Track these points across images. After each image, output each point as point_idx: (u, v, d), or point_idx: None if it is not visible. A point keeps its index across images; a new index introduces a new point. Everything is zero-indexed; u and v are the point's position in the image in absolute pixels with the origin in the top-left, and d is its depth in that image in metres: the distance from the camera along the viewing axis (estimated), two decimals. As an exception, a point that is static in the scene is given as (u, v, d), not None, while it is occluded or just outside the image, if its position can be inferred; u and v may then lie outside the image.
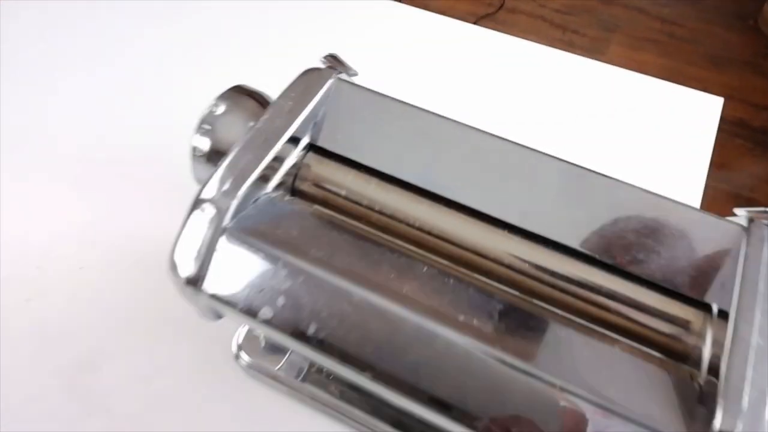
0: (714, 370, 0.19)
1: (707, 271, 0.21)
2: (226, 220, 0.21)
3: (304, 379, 0.31)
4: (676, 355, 0.21)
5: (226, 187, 0.21)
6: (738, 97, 1.47)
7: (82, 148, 0.41)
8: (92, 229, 0.37)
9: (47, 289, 0.35)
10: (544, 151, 0.22)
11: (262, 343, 0.33)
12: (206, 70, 0.46)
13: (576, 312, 0.22)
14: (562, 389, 0.18)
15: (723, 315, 0.20)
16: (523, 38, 0.50)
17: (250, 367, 0.32)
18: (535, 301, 0.22)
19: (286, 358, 0.32)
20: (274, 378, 0.31)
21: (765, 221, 0.21)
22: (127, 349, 0.33)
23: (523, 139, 0.23)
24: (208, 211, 0.21)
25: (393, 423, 0.29)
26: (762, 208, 0.21)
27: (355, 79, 0.26)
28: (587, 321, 0.21)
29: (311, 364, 0.31)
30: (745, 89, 1.48)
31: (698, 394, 0.19)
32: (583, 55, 0.48)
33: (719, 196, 1.22)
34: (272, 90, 0.25)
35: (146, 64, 0.47)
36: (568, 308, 0.22)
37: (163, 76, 0.46)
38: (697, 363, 0.20)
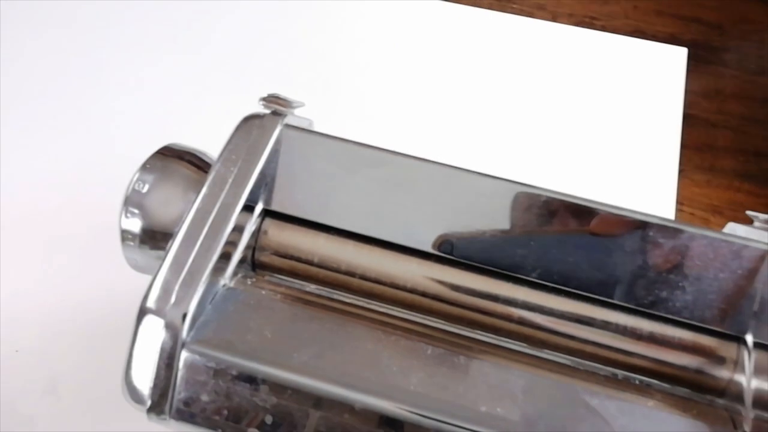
0: (762, 404, 0.17)
1: (736, 301, 0.19)
2: (183, 335, 0.17)
3: None
4: (708, 391, 0.19)
5: (174, 296, 0.17)
6: (668, 11, 1.47)
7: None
8: (17, 305, 0.32)
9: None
10: (546, 186, 0.19)
11: None
12: (128, 119, 0.39)
13: (599, 361, 0.19)
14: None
15: (760, 346, 0.18)
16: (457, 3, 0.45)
17: None
18: (558, 357, 0.19)
19: None
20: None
21: (790, 232, 0.19)
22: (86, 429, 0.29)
23: (488, 126, 0.19)
24: (158, 326, 0.17)
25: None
26: (786, 217, 0.19)
27: (301, 111, 0.22)
28: (612, 367, 0.19)
29: None
30: (673, 3, 1.48)
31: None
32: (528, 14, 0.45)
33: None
34: (216, 132, 0.21)
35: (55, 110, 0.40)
36: (592, 359, 0.19)
37: (79, 121, 0.40)
38: (735, 399, 0.18)
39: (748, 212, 0.21)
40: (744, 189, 1.31)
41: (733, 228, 0.21)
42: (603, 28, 0.66)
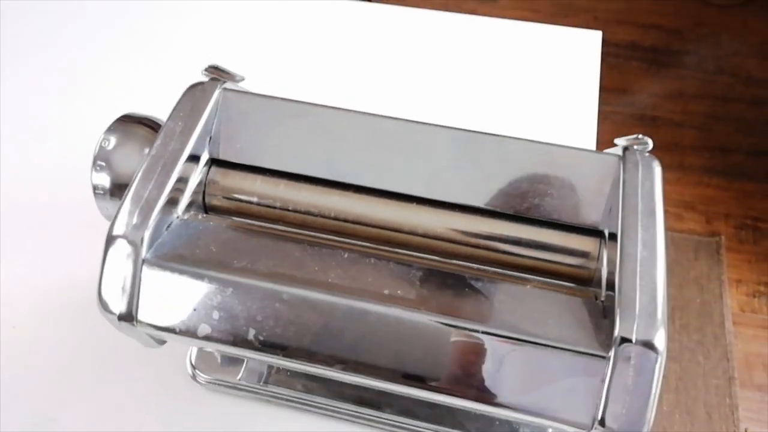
0: (612, 286, 0.21)
1: (595, 201, 0.23)
2: (143, 252, 0.21)
3: (266, 382, 0.32)
4: (582, 281, 0.23)
5: (135, 220, 0.21)
6: (627, 20, 1.55)
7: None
8: (9, 285, 0.36)
9: (-18, 356, 0.34)
10: (434, 122, 0.24)
11: (218, 358, 0.33)
12: (92, 97, 0.45)
13: (489, 263, 0.24)
14: (485, 333, 0.20)
15: (612, 237, 0.22)
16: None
17: (210, 383, 0.32)
18: (452, 261, 0.23)
19: (244, 366, 0.32)
20: (236, 387, 0.32)
21: (637, 147, 0.23)
22: (81, 394, 0.33)
23: (420, 108, 0.24)
24: (123, 246, 0.21)
25: (355, 401, 0.31)
26: (635, 136, 0.23)
27: (243, 84, 0.27)
28: (500, 269, 0.23)
29: (270, 367, 0.32)
30: (633, 12, 1.56)
31: (602, 311, 0.21)
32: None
33: (625, 120, 1.29)
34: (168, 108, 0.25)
35: (29, 93, 0.45)
36: (482, 261, 0.23)
37: (48, 107, 0.45)
38: (599, 284, 0.22)
39: (616, 140, 0.25)
40: (713, 184, 1.36)
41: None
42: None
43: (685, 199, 1.29)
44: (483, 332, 0.20)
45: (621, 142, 0.24)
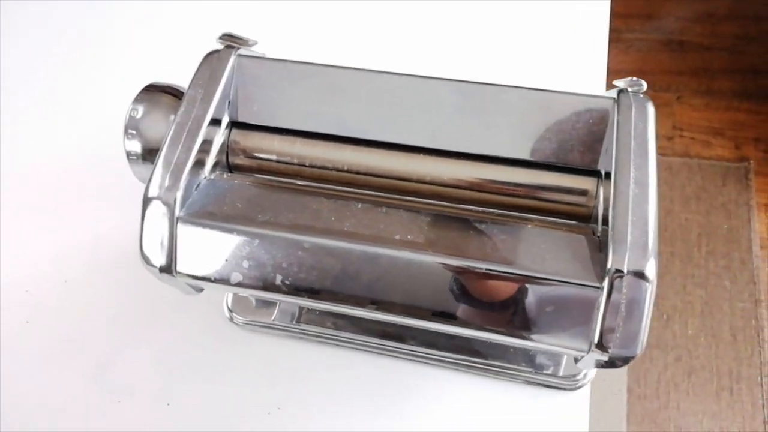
0: (607, 221, 0.23)
1: (592, 143, 0.24)
2: (177, 211, 0.24)
3: (298, 321, 0.35)
4: (581, 219, 0.25)
5: (167, 183, 0.23)
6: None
7: (18, 167, 0.43)
8: (61, 243, 0.39)
9: (42, 308, 0.38)
10: (438, 75, 0.25)
11: (253, 302, 0.36)
12: (117, 71, 0.47)
13: (493, 205, 0.25)
14: (488, 270, 0.22)
15: (608, 176, 0.24)
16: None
17: (247, 324, 0.35)
18: (459, 206, 0.25)
19: (277, 308, 0.36)
20: (271, 327, 0.35)
21: (631, 89, 0.24)
22: (133, 339, 0.36)
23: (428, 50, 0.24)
24: (158, 207, 0.24)
25: (380, 335, 0.33)
26: (631, 78, 0.24)
27: (256, 48, 0.28)
28: (504, 211, 0.25)
29: (301, 308, 0.35)
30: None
31: (598, 245, 0.23)
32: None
33: (651, 47, 1.25)
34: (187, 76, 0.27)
35: (58, 70, 0.47)
36: (486, 204, 0.25)
37: (77, 82, 0.47)
38: (597, 220, 0.24)
39: (614, 81, 0.26)
40: (743, 108, 1.32)
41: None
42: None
43: (714, 125, 1.26)
44: (486, 269, 0.22)
45: (619, 84, 0.25)
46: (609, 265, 0.21)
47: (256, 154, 0.27)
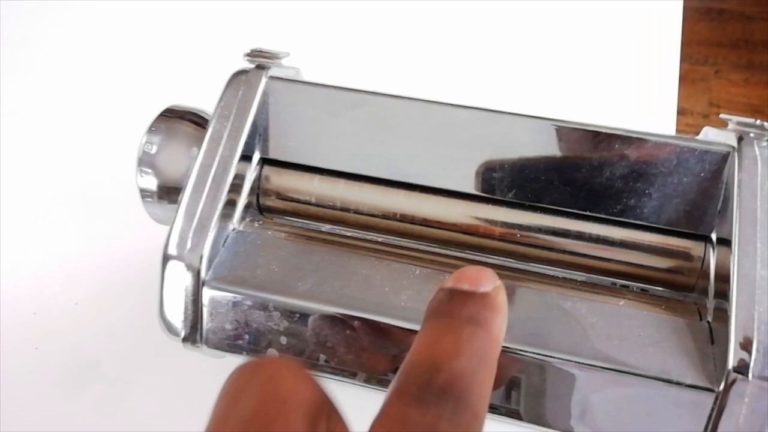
0: (720, 296, 0.19)
1: (701, 201, 0.20)
2: (202, 275, 0.20)
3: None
4: (679, 288, 0.21)
5: (189, 242, 0.20)
6: None
7: (28, 182, 0.39)
8: (70, 263, 0.36)
9: (50, 332, 0.35)
10: (511, 110, 0.21)
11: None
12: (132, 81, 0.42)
13: (575, 267, 0.21)
14: (579, 364, 0.18)
15: (722, 242, 0.19)
16: None
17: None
18: (534, 270, 0.21)
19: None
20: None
21: (753, 133, 0.19)
22: (150, 366, 0.33)
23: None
24: (180, 269, 0.20)
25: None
26: (750, 120, 0.19)
27: (288, 60, 0.24)
28: (587, 274, 0.21)
29: None
30: None
31: (708, 333, 0.19)
32: None
33: (689, 16, 1.16)
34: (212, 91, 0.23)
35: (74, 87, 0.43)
36: (566, 265, 0.21)
37: (93, 94, 0.43)
38: (701, 292, 0.20)
39: (722, 115, 0.21)
40: (786, 85, 1.24)
41: (706, 132, 0.22)
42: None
43: (753, 102, 1.19)
44: (575, 362, 0.18)
45: (732, 125, 0.20)
46: (729, 365, 0.17)
47: (292, 195, 0.23)
